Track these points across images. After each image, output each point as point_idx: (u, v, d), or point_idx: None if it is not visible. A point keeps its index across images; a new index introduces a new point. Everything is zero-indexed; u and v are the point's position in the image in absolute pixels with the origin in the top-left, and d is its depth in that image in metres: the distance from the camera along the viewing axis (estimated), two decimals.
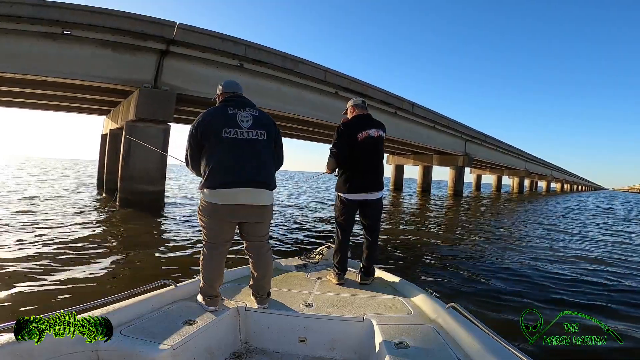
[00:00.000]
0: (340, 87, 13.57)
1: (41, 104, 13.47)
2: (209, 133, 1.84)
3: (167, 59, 9.24)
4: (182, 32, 9.09)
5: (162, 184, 9.17)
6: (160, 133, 8.91)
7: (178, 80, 9.40)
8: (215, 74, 10.04)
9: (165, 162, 9.24)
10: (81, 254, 4.53)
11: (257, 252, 1.97)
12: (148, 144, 8.71)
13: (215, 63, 10.01)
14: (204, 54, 9.70)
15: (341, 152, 2.49)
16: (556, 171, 55.67)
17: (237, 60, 10.38)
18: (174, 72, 9.38)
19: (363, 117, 2.58)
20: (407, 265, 5.04)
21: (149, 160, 8.78)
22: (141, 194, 8.67)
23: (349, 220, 2.57)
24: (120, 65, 8.63)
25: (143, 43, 8.71)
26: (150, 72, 9.01)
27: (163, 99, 8.85)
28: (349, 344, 1.79)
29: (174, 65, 9.40)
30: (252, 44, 10.50)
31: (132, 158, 8.65)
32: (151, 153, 8.79)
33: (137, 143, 8.61)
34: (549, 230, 9.63)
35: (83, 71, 8.34)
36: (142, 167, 8.70)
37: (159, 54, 9.08)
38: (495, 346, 1.43)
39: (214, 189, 1.80)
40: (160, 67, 9.14)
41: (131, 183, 8.64)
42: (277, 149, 2.05)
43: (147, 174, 8.76)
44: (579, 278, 4.68)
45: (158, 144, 8.86)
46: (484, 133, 26.28)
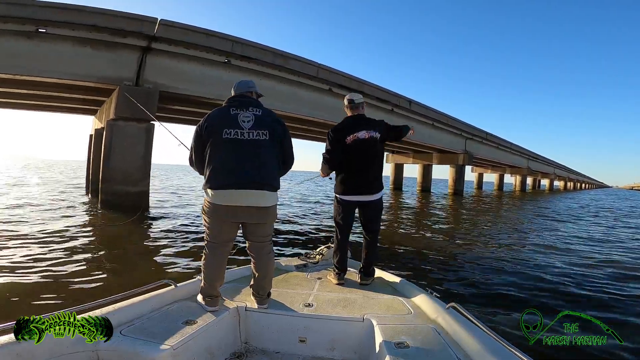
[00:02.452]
0: (334, 84, 13.20)
1: (25, 104, 13.22)
2: (212, 134, 1.86)
3: (149, 56, 8.93)
4: (165, 28, 8.78)
5: (144, 185, 8.84)
6: (142, 132, 8.59)
7: (161, 78, 9.09)
8: (201, 71, 9.75)
9: (149, 161, 8.92)
10: (51, 258, 4.34)
11: (258, 252, 1.97)
12: (129, 143, 8.45)
13: (200, 60, 9.69)
14: (189, 51, 9.38)
15: (332, 158, 2.53)
16: (559, 169, 55.03)
17: (224, 57, 10.05)
18: (157, 70, 9.07)
19: (354, 118, 2.57)
20: (407, 265, 5.04)
21: (130, 160, 8.48)
22: (123, 195, 8.35)
23: (346, 221, 2.56)
24: (99, 62, 8.34)
25: (122, 40, 8.41)
26: (131, 70, 8.71)
27: (144, 97, 8.50)
28: (349, 344, 1.78)
29: (157, 62, 9.08)
30: (239, 39, 10.18)
31: (113, 158, 8.34)
32: (133, 153, 8.49)
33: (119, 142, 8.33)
34: (549, 230, 9.43)
35: (60, 69, 8.05)
36: (123, 167, 8.38)
37: (140, 51, 8.77)
38: (495, 346, 1.42)
39: (215, 190, 1.82)
40: (143, 64, 8.83)
41: (112, 184, 8.34)
42: (283, 149, 2.01)
43: (129, 174, 8.44)
44: (579, 278, 4.64)
45: (140, 143, 8.58)
46: (484, 131, 25.83)
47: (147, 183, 8.96)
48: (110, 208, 8.16)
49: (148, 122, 8.69)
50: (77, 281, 3.58)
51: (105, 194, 8.34)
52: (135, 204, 8.50)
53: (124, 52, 8.57)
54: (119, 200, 8.27)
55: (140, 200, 8.72)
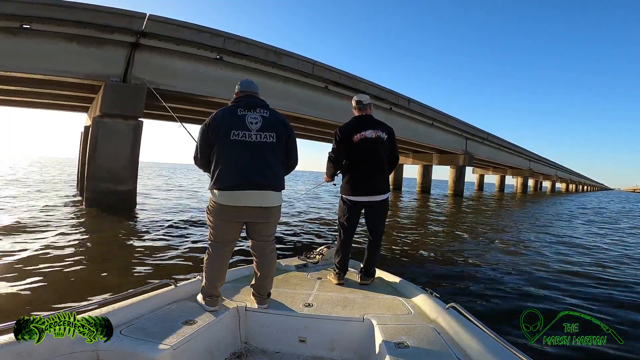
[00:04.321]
0: (330, 82, 12.99)
1: (15, 101, 13.03)
2: (219, 134, 1.86)
3: (138, 52, 8.75)
4: (154, 24, 8.60)
5: (132, 183, 8.64)
6: (129, 129, 8.41)
7: (151, 74, 8.88)
8: (192, 68, 9.57)
9: (137, 159, 8.72)
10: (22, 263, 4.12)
11: (261, 251, 1.98)
12: (117, 141, 8.25)
13: (192, 56, 9.51)
14: (179, 47, 9.21)
15: (337, 157, 2.55)
16: (561, 171, 54.56)
17: (215, 53, 9.87)
18: (146, 66, 8.89)
19: (362, 118, 2.59)
20: (407, 265, 5.04)
21: (117, 157, 8.29)
22: (109, 193, 8.16)
23: (351, 222, 2.56)
24: (86, 59, 8.16)
25: (110, 36, 8.24)
26: (119, 66, 8.53)
27: (132, 94, 8.35)
28: (348, 344, 1.78)
29: (146, 58, 8.90)
30: (232, 35, 9.99)
31: (99, 155, 8.15)
32: (119, 150, 8.31)
33: (105, 139, 8.14)
34: (549, 231, 9.36)
35: (45, 66, 7.90)
36: (109, 165, 8.19)
37: (129, 47, 8.60)
38: (495, 346, 1.42)
39: (221, 190, 1.83)
40: (131, 60, 8.66)
41: (98, 182, 8.14)
42: (288, 151, 2.03)
43: (115, 172, 8.25)
44: (580, 278, 4.62)
45: (127, 141, 8.39)
46: (485, 131, 25.53)
47: (134, 181, 8.77)
48: (97, 206, 7.98)
49: (136, 119, 8.52)
50: (76, 281, 3.54)
51: (90, 192, 8.15)
52: (122, 203, 8.34)
53: (111, 48, 8.40)
54: (105, 199, 8.09)
55: (127, 198, 8.55)
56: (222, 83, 9.93)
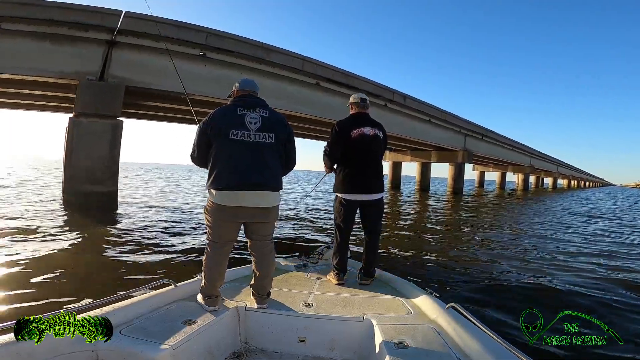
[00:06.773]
0: (322, 78, 12.65)
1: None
2: (218, 133, 1.85)
3: (115, 50, 8.46)
4: (130, 21, 8.31)
5: (112, 184, 8.37)
6: (107, 128, 8.12)
7: (129, 72, 8.61)
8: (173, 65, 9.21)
9: (117, 160, 8.43)
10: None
11: (260, 251, 1.98)
12: (94, 141, 7.95)
13: (172, 53, 9.13)
14: (158, 44, 8.84)
15: (333, 150, 2.52)
16: (563, 167, 53.99)
17: (198, 50, 9.57)
18: (124, 64, 8.60)
19: (359, 115, 2.58)
20: (407, 265, 5.02)
21: (95, 157, 8.00)
22: (87, 195, 7.90)
23: (347, 221, 2.54)
24: (60, 57, 7.89)
25: (84, 34, 7.97)
26: (96, 64, 8.24)
27: (109, 92, 8.06)
28: (348, 344, 1.78)
29: (124, 56, 8.61)
30: (215, 31, 9.70)
31: (75, 156, 7.87)
32: (96, 150, 8.00)
33: (81, 139, 7.83)
34: (549, 231, 9.10)
35: (18, 65, 7.66)
36: (86, 166, 7.92)
37: (105, 44, 8.31)
38: (495, 346, 1.42)
39: (219, 190, 1.82)
40: (109, 58, 8.37)
41: (75, 183, 7.89)
42: (287, 151, 2.03)
43: (93, 172, 7.97)
44: (580, 278, 4.57)
45: (105, 141, 8.09)
46: (484, 127, 25.09)
47: (115, 182, 8.48)
48: (74, 209, 7.71)
49: (114, 118, 8.22)
50: (75, 281, 3.53)
51: (67, 193, 7.92)
52: (102, 204, 8.05)
53: (86, 46, 8.12)
54: (84, 201, 7.83)
55: (107, 200, 8.26)
56: (207, 80, 9.63)
